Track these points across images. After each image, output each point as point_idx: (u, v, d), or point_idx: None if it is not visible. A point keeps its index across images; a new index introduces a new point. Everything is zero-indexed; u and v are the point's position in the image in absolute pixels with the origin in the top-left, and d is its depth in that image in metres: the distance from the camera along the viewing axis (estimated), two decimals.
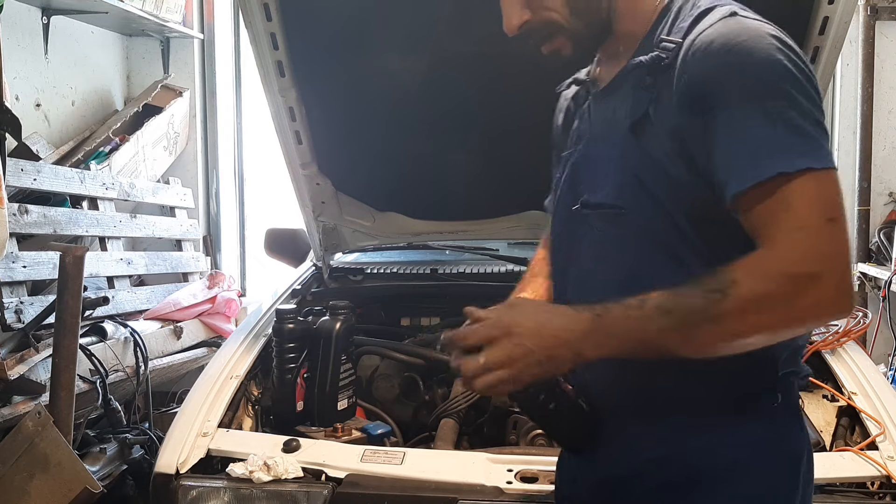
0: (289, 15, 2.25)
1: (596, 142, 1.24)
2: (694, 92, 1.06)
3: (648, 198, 1.13)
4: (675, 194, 1.10)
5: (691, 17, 1.12)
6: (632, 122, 1.14)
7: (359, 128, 2.51)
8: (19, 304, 2.89)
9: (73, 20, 3.80)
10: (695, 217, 1.11)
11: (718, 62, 1.04)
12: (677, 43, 1.10)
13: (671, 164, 1.10)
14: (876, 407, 1.96)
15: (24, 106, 3.52)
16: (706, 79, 1.04)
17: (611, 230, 1.18)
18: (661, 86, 1.11)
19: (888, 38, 4.28)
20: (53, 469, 2.32)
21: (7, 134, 2.71)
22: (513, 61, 1.46)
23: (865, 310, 2.54)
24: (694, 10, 1.14)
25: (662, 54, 1.11)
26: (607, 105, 1.23)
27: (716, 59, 1.04)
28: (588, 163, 1.25)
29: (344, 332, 2.19)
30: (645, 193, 1.13)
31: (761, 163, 0.98)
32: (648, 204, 1.13)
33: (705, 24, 1.09)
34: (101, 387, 2.96)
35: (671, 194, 1.11)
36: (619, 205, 1.16)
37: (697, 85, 1.05)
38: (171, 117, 4.18)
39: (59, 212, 3.26)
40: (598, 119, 1.25)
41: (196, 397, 2.03)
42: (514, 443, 2.08)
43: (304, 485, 1.73)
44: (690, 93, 1.06)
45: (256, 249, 4.21)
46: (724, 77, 1.03)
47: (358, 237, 2.89)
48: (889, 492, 1.71)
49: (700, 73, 1.05)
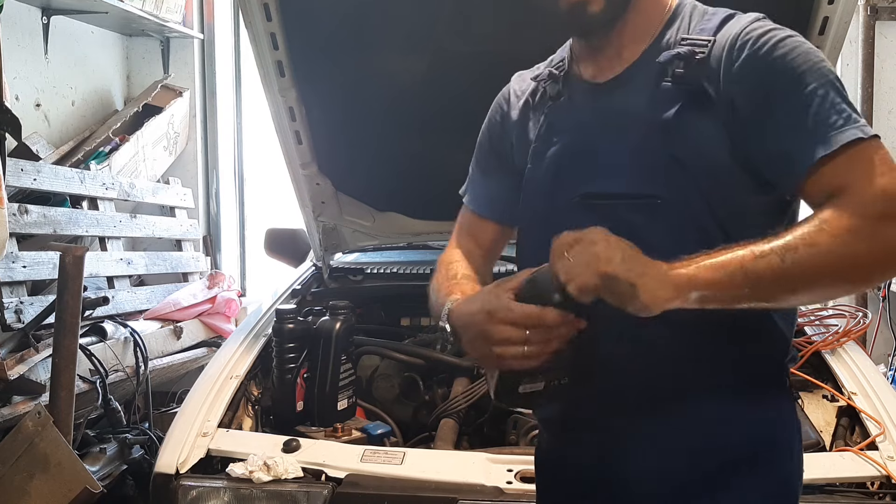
0: (289, 15, 2.26)
1: (598, 133, 1.24)
2: (753, 78, 1.12)
3: (688, 184, 1.15)
4: (715, 180, 1.15)
5: (717, 19, 1.20)
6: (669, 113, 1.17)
7: (359, 128, 2.51)
8: (19, 304, 2.89)
9: (73, 20, 3.80)
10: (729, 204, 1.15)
11: (779, 51, 1.12)
12: (709, 40, 1.17)
13: (715, 150, 1.15)
14: (876, 407, 1.96)
15: (24, 106, 3.52)
16: (770, 62, 1.12)
17: (637, 219, 1.17)
18: (698, 77, 1.16)
19: (888, 38, 4.28)
20: (53, 469, 2.32)
21: (7, 134, 2.71)
22: (513, 61, 1.46)
23: (865, 310, 2.54)
24: (712, 16, 1.21)
25: (696, 49, 1.17)
26: (613, 97, 1.24)
27: (775, 49, 1.12)
28: (586, 154, 1.24)
29: (344, 332, 2.19)
30: (684, 180, 1.15)
31: (842, 131, 1.07)
32: (686, 191, 1.15)
33: (744, 22, 1.17)
34: (101, 387, 2.96)
35: (711, 180, 1.15)
36: (653, 194, 1.17)
37: (757, 71, 1.12)
38: (171, 117, 4.18)
39: (59, 212, 3.26)
40: (599, 111, 1.25)
41: (196, 397, 2.03)
42: (514, 443, 2.08)
43: (304, 485, 1.73)
44: (748, 79, 1.12)
45: (257, 250, 4.21)
46: (788, 62, 1.11)
47: (358, 237, 2.89)
48: (889, 492, 1.71)
49: (760, 60, 1.12)
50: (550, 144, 1.30)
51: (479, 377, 2.22)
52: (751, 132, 1.13)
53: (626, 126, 1.20)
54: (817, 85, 1.09)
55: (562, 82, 1.32)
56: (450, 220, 1.53)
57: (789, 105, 1.10)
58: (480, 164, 1.47)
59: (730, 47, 1.15)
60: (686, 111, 1.16)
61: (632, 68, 1.23)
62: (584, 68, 1.29)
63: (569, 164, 1.26)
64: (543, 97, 1.34)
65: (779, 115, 1.11)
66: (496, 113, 1.44)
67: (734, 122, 1.14)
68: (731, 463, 1.19)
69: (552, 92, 1.33)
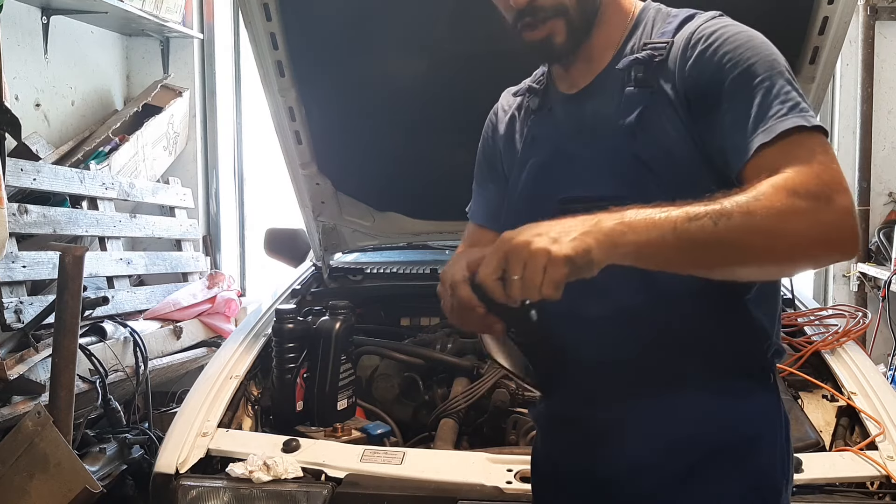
0: (289, 15, 2.26)
1: (573, 141, 1.29)
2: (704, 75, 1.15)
3: (651, 183, 1.17)
4: (680, 177, 1.17)
5: (677, 21, 1.24)
6: (631, 116, 1.21)
7: (358, 128, 2.51)
8: (19, 304, 2.89)
9: (72, 20, 3.81)
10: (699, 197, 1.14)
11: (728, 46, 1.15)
12: (667, 42, 1.22)
13: (678, 149, 1.18)
14: (875, 407, 1.96)
15: (24, 106, 3.52)
16: (718, 58, 1.14)
17: None
18: (657, 79, 1.21)
19: (888, 38, 4.29)
20: (53, 469, 2.32)
21: (7, 134, 2.71)
22: (513, 61, 1.46)
23: (865, 310, 2.54)
24: (674, 18, 1.26)
25: (654, 52, 1.22)
26: (585, 106, 1.29)
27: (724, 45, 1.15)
28: (563, 161, 1.29)
29: (344, 332, 2.19)
30: (651, 180, 1.18)
31: (783, 120, 1.09)
32: (654, 191, 1.16)
33: (698, 22, 1.21)
34: (101, 387, 2.96)
35: (676, 178, 1.17)
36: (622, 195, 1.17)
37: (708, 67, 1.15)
38: (170, 117, 4.18)
39: (59, 212, 3.26)
40: (574, 120, 1.30)
41: (196, 397, 2.03)
42: (513, 443, 2.08)
43: (304, 485, 1.73)
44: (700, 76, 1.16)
45: (257, 249, 4.21)
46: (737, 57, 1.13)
47: (358, 237, 2.89)
48: (889, 492, 1.71)
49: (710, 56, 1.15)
50: (532, 154, 1.36)
51: (479, 377, 2.22)
52: (704, 128, 1.16)
53: (597, 132, 1.26)
54: (764, 77, 1.11)
55: (542, 95, 1.39)
56: (449, 220, 1.54)
57: (737, 99, 1.12)
58: (477, 177, 1.54)
59: (684, 46, 1.19)
60: (648, 113, 1.20)
61: (600, 77, 1.28)
62: (559, 81, 1.36)
63: (548, 172, 1.32)
64: (527, 111, 1.41)
65: (728, 109, 1.13)
66: (487, 129, 1.51)
67: (691, 119, 1.17)
68: (710, 455, 1.20)
69: (533, 105, 1.40)
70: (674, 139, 1.18)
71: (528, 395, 2.15)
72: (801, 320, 2.45)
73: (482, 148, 1.52)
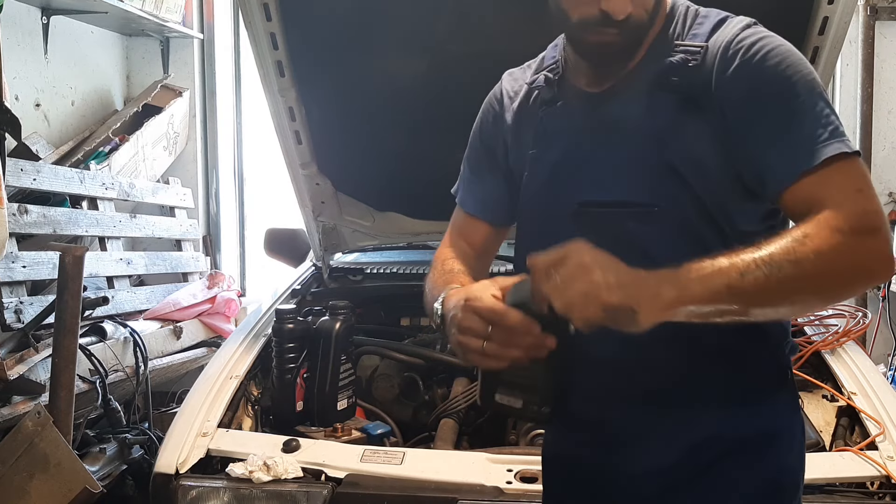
0: (289, 15, 2.25)
1: (592, 141, 1.24)
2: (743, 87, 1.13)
3: (684, 192, 1.16)
4: (710, 187, 1.16)
5: (709, 23, 1.20)
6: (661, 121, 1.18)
7: (358, 128, 2.51)
8: (19, 304, 2.89)
9: (72, 20, 3.80)
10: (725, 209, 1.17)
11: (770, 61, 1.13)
12: (701, 47, 1.18)
13: (709, 157, 1.16)
14: (875, 407, 1.96)
15: (24, 106, 3.52)
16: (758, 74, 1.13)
17: (634, 227, 1.18)
18: (691, 85, 1.17)
19: (888, 38, 4.28)
20: (53, 469, 2.32)
21: (7, 134, 2.71)
22: (513, 61, 1.46)
23: (865, 310, 2.54)
24: (704, 19, 1.22)
25: (688, 56, 1.18)
26: (607, 105, 1.24)
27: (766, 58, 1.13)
28: (581, 162, 1.25)
29: (344, 332, 2.19)
30: (680, 188, 1.16)
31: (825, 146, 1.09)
32: (683, 199, 1.16)
33: (735, 30, 1.17)
34: (101, 387, 2.96)
35: (707, 187, 1.16)
36: (650, 202, 1.17)
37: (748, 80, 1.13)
38: (170, 117, 4.17)
39: (59, 212, 3.26)
40: (594, 118, 1.25)
41: (196, 397, 2.03)
42: (513, 443, 2.08)
43: (304, 485, 1.73)
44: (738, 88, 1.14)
45: (257, 250, 4.21)
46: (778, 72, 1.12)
47: (358, 237, 2.89)
48: (889, 492, 1.71)
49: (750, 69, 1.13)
50: (547, 151, 1.30)
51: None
52: (737, 139, 1.14)
53: (623, 135, 1.21)
54: (805, 96, 1.11)
55: (556, 87, 1.31)
56: (449, 221, 1.53)
57: (777, 115, 1.12)
58: (472, 164, 1.46)
59: (722, 54, 1.16)
60: (680, 119, 1.17)
61: (627, 77, 1.23)
62: (578, 75, 1.29)
63: (566, 172, 1.27)
64: (537, 101, 1.34)
65: (766, 124, 1.12)
66: (488, 113, 1.43)
67: (724, 129, 1.15)
68: (731, 451, 1.20)
69: (547, 97, 1.32)
70: (704, 148, 1.16)
71: None
72: (801, 320, 2.45)
73: (480, 133, 1.44)
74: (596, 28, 1.16)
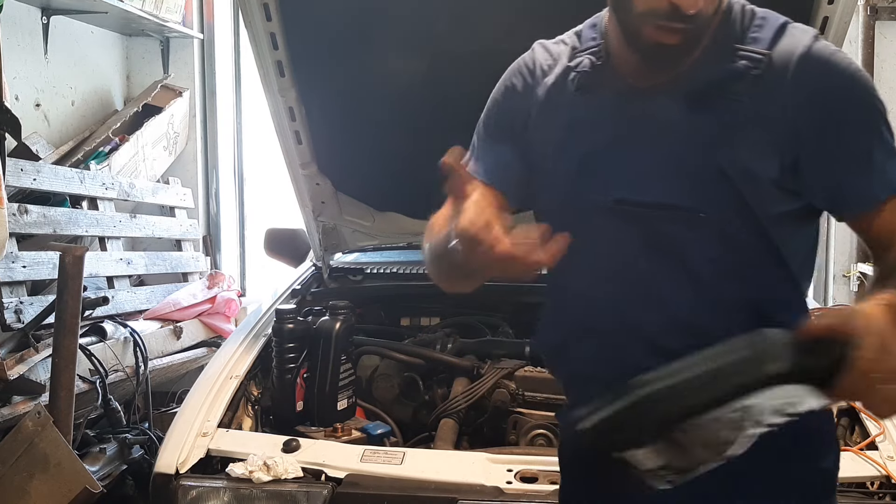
0: (289, 15, 2.25)
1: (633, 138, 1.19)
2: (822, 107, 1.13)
3: (731, 200, 1.14)
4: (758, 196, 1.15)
5: (769, 28, 1.17)
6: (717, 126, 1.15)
7: (358, 128, 2.51)
8: (19, 304, 2.89)
9: (72, 20, 3.80)
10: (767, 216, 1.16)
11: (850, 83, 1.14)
12: (764, 55, 1.14)
13: (762, 168, 1.14)
14: None
15: (24, 106, 3.52)
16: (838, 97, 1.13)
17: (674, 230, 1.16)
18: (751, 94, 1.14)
19: (888, 38, 4.28)
20: (53, 469, 2.32)
21: (7, 134, 2.71)
22: (512, 61, 1.46)
23: None
24: (763, 21, 1.18)
25: (751, 64, 1.15)
26: (655, 102, 1.19)
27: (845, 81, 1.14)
28: (616, 158, 1.20)
29: (344, 332, 2.19)
30: (729, 195, 1.14)
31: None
32: (730, 206, 1.14)
33: (805, 44, 1.14)
34: (101, 387, 2.96)
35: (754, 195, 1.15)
36: (696, 207, 1.15)
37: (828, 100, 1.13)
38: (170, 117, 4.17)
39: (59, 212, 3.26)
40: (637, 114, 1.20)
41: (196, 397, 2.03)
42: (513, 443, 2.08)
43: (304, 485, 1.73)
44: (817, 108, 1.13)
45: (257, 250, 4.21)
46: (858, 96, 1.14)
47: (358, 237, 2.89)
48: (889, 492, 1.71)
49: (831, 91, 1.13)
50: (577, 140, 1.23)
51: (479, 377, 2.22)
52: (812, 159, 1.14)
53: (670, 135, 1.17)
54: (882, 121, 1.14)
55: (598, 74, 1.23)
56: None
57: (858, 139, 1.14)
58: (489, 131, 1.36)
59: (796, 70, 1.13)
60: (737, 127, 1.14)
61: (680, 76, 1.17)
62: (625, 67, 1.21)
63: (601, 165, 1.21)
64: (573, 83, 1.25)
65: (847, 147, 1.14)
66: (517, 81, 1.33)
67: (792, 145, 1.13)
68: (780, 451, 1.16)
69: (585, 83, 1.24)
70: (760, 158, 1.13)
71: (528, 396, 2.15)
72: None
73: (502, 100, 1.35)
74: (661, 21, 1.09)
